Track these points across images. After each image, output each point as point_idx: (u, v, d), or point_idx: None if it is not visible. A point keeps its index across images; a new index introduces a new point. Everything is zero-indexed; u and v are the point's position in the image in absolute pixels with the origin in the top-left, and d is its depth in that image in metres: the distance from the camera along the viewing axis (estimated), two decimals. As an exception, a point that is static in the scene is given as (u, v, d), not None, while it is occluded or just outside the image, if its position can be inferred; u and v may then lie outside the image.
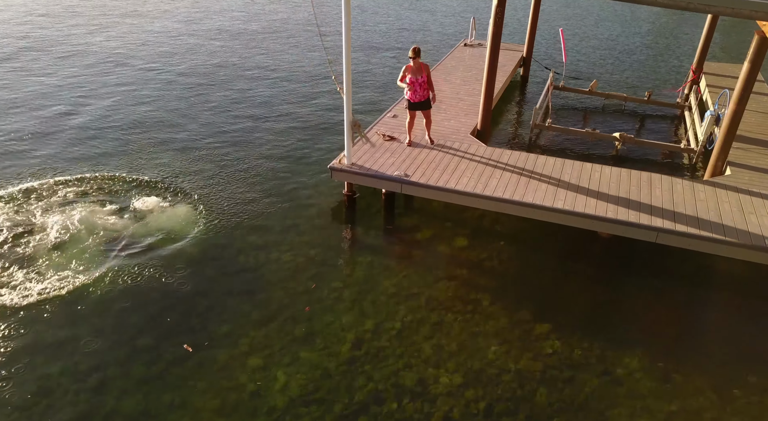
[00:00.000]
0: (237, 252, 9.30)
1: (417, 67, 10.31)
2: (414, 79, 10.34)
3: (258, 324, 7.91)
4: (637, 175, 10.43)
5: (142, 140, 12.81)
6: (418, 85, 10.41)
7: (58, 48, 18.69)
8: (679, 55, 21.32)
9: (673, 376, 7.45)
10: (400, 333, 7.90)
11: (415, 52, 10.15)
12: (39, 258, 8.86)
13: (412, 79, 10.35)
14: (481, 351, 7.68)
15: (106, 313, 7.99)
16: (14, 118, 13.63)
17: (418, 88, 10.43)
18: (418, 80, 10.36)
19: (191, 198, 10.67)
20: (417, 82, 10.37)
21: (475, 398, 7.01)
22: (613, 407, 6.99)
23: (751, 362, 7.72)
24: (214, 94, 15.57)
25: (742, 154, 11.62)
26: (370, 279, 8.88)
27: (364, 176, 10.24)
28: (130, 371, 7.11)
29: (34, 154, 11.99)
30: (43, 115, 13.80)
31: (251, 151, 12.54)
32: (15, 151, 12.12)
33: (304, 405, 6.78)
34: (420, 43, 20.71)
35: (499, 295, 8.69)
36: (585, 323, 8.22)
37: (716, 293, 9.15)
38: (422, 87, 10.47)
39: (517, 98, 16.55)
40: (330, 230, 10.04)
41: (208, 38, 20.51)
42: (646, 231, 9.11)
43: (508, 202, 9.60)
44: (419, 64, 10.32)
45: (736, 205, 9.71)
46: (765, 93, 15.26)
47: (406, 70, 10.38)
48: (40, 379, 6.95)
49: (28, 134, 12.83)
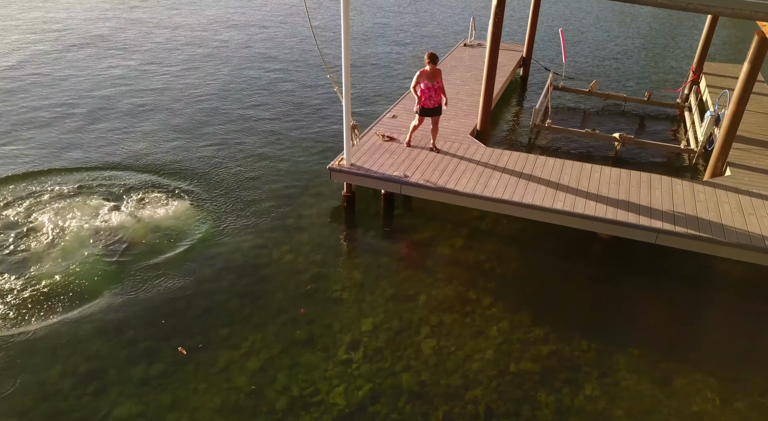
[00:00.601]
0: (236, 253, 9.29)
1: (432, 72, 10.24)
2: (430, 85, 10.28)
3: (257, 326, 7.91)
4: (636, 176, 10.42)
5: (142, 137, 12.80)
6: (434, 91, 10.35)
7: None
8: (678, 56, 21.30)
9: (672, 377, 7.44)
10: (399, 334, 7.90)
11: (431, 58, 10.10)
12: (33, 258, 8.86)
13: (428, 85, 10.29)
14: (480, 352, 7.67)
15: (104, 313, 7.98)
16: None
17: (433, 94, 10.37)
18: (434, 86, 10.30)
19: (189, 198, 10.65)
20: (432, 88, 10.31)
21: (474, 399, 7.01)
22: (611, 408, 6.98)
23: (751, 363, 7.71)
24: (209, 94, 15.56)
25: (742, 154, 11.61)
26: (369, 280, 8.87)
27: (363, 177, 10.23)
28: (129, 373, 7.10)
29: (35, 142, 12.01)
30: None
31: (250, 152, 12.53)
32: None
33: (304, 407, 6.77)
34: (419, 43, 20.72)
35: (498, 296, 8.68)
36: (584, 324, 8.21)
37: (716, 294, 9.13)
38: (437, 93, 10.42)
39: (516, 99, 16.54)
40: (329, 230, 10.03)
41: (207, 31, 20.52)
42: (646, 232, 9.09)
43: (508, 203, 9.59)
44: (434, 70, 10.25)
45: (736, 206, 9.69)
46: (765, 93, 15.24)
47: (420, 75, 10.29)
48: (40, 383, 6.95)
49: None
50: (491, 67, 11.48)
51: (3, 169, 11.34)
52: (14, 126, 13.26)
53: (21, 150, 12.17)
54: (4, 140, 12.56)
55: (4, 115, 13.78)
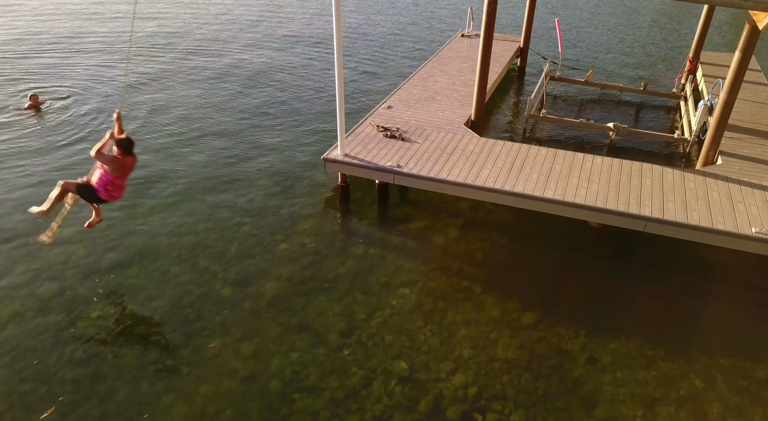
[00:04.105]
0: (231, 242, 9.44)
1: (123, 165, 7.74)
2: (113, 178, 7.72)
3: (252, 313, 8.07)
4: (628, 165, 10.51)
5: (140, 128, 12.94)
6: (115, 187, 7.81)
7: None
8: (675, 46, 21.27)
9: (658, 363, 7.59)
10: (392, 321, 8.05)
11: (124, 146, 7.65)
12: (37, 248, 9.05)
13: (112, 178, 7.70)
14: (471, 339, 7.83)
15: (101, 301, 8.15)
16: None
17: (110, 188, 7.80)
18: (115, 180, 7.74)
19: (183, 188, 10.80)
20: (114, 183, 7.77)
21: (464, 384, 7.16)
22: (597, 393, 7.13)
23: (736, 349, 7.85)
24: (204, 84, 15.67)
25: (734, 143, 11.68)
26: (363, 269, 9.02)
27: (357, 167, 10.35)
28: (125, 359, 7.28)
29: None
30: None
31: (245, 142, 12.65)
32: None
33: (297, 391, 6.95)
34: (417, 33, 20.72)
35: (490, 284, 8.82)
36: (574, 312, 8.35)
37: (705, 282, 9.24)
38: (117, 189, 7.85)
39: (513, 89, 16.59)
40: (324, 220, 10.17)
41: (202, 27, 20.58)
42: (635, 220, 9.21)
43: (499, 192, 9.71)
44: (130, 162, 7.81)
45: (726, 194, 9.79)
46: (759, 82, 15.26)
47: (114, 160, 7.62)
48: (36, 366, 7.14)
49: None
50: (485, 57, 11.55)
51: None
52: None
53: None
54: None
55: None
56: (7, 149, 11.95)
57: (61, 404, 6.66)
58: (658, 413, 6.91)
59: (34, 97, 13.90)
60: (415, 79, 14.56)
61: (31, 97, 13.88)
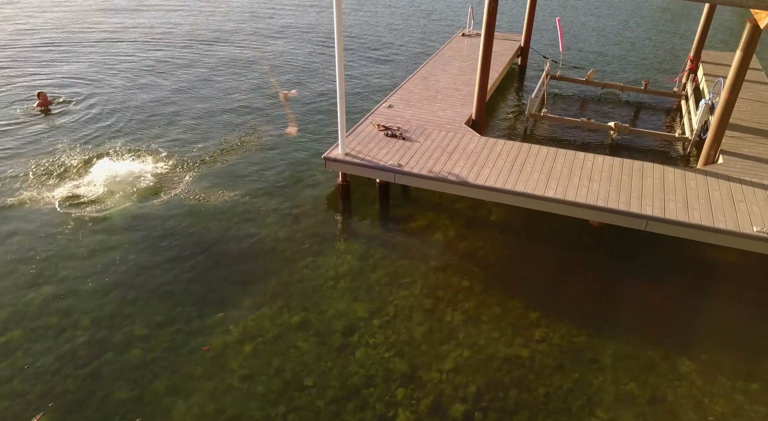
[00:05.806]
0: (232, 241, 9.44)
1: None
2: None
3: (252, 311, 8.07)
4: (629, 165, 10.50)
5: (138, 127, 12.94)
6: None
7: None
8: (677, 45, 21.25)
9: (659, 362, 7.58)
10: (393, 320, 8.04)
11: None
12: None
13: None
14: (471, 338, 7.82)
15: (102, 300, 8.15)
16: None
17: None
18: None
19: (184, 188, 10.80)
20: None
21: (465, 383, 7.16)
22: (599, 392, 7.12)
23: (737, 348, 7.84)
24: (201, 81, 15.66)
25: (735, 142, 11.66)
26: (365, 267, 9.02)
27: (357, 166, 10.34)
28: (126, 358, 7.27)
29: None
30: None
31: (244, 140, 12.64)
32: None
33: (297, 390, 6.94)
34: (417, 32, 20.70)
35: (491, 283, 8.81)
36: (575, 311, 8.34)
37: (705, 281, 9.23)
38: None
39: (514, 88, 16.58)
40: (325, 218, 10.16)
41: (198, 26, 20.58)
42: (636, 219, 9.20)
43: (500, 191, 9.70)
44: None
45: (727, 193, 9.78)
46: (761, 82, 15.25)
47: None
48: (39, 365, 7.14)
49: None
50: (486, 56, 11.53)
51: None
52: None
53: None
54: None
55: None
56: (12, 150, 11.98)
57: (62, 404, 6.66)
58: (659, 412, 6.90)
59: (42, 95, 13.90)
60: (415, 78, 14.55)
61: (39, 95, 13.87)
